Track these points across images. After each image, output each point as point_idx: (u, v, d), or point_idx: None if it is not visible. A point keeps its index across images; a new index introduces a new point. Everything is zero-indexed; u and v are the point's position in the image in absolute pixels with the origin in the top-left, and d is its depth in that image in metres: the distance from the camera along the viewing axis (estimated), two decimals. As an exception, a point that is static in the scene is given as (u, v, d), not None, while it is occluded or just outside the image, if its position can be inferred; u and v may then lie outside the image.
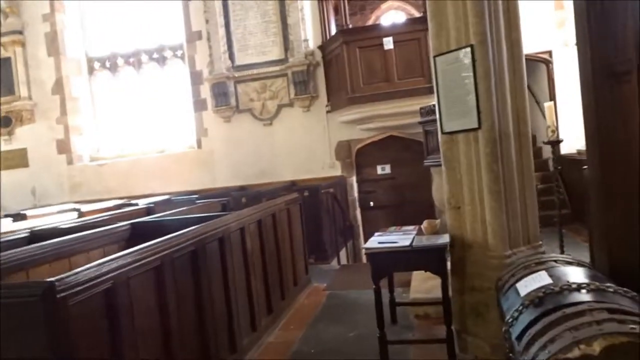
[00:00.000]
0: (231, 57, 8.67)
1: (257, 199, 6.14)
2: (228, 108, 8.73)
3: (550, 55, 7.88)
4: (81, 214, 5.91)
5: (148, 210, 5.46)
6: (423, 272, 4.36)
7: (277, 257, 4.53)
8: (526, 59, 6.36)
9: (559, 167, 4.20)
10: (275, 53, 8.53)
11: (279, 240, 4.60)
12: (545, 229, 3.72)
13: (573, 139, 6.80)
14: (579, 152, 6.93)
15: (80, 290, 1.94)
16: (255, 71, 8.59)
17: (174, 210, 4.80)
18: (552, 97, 7.62)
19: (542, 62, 8.08)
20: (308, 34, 8.37)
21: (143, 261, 2.40)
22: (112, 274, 2.16)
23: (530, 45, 7.17)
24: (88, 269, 2.04)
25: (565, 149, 7.03)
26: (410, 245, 3.21)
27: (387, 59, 7.35)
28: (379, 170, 8.48)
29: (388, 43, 7.14)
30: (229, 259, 3.42)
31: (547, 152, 7.96)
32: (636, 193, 2.85)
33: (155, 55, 9.49)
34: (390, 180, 8.46)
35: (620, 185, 2.89)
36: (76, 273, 1.96)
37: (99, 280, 2.06)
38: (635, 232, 2.86)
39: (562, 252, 3.92)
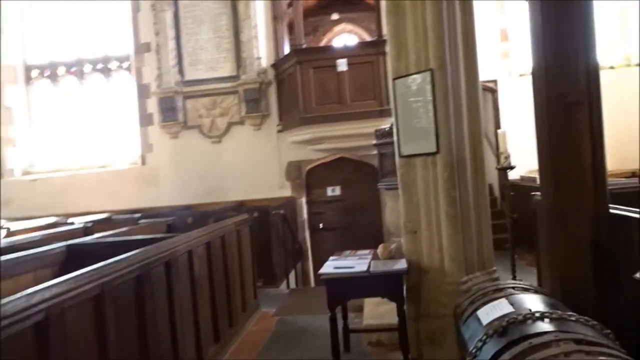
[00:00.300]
0: (181, 71, 8.43)
1: (204, 219, 5.90)
2: (175, 124, 8.45)
3: (496, 85, 8.17)
4: (10, 233, 5.45)
5: (85, 230, 5.10)
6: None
7: (226, 281, 4.31)
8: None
9: (512, 193, 4.27)
10: (227, 69, 8.37)
11: (227, 263, 4.39)
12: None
13: (517, 165, 7.02)
14: (522, 179, 7.16)
15: (6, 325, 1.70)
16: (205, 87, 8.38)
17: (115, 231, 4.50)
18: (497, 125, 7.88)
19: (487, 91, 8.36)
20: (261, 51, 8.28)
21: (80, 289, 2.16)
22: (45, 305, 1.91)
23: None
24: (16, 299, 1.79)
25: (510, 175, 7.24)
26: (368, 270, 3.12)
27: (341, 80, 7.37)
28: (329, 191, 8.42)
29: (342, 65, 7.16)
30: (176, 285, 3.19)
31: (490, 178, 8.17)
32: (588, 221, 2.91)
33: (99, 66, 9.08)
34: (340, 202, 8.41)
35: (572, 213, 2.94)
36: (2, 305, 1.72)
37: (28, 312, 1.82)
38: (587, 260, 2.91)
39: (514, 277, 3.96)
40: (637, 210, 2.83)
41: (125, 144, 8.92)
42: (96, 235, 4.35)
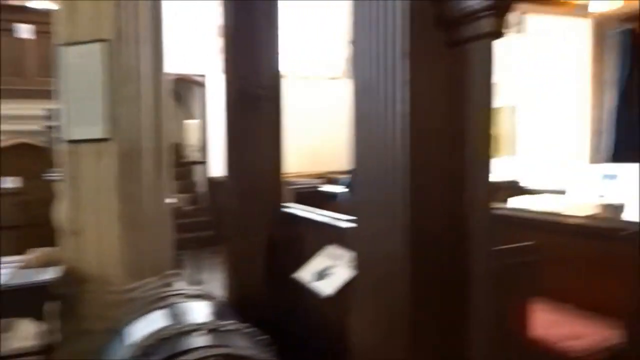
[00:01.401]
0: None
1: None
2: None
3: (205, 79, 8.03)
4: None
5: None
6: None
7: None
8: (182, 79, 6.24)
9: (208, 191, 4.07)
10: None
11: None
12: (193, 251, 3.50)
13: (222, 162, 6.99)
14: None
15: None
16: None
17: None
18: (204, 120, 7.73)
19: (196, 85, 8.14)
20: None
21: None
22: None
23: (188, 66, 7.10)
24: None
25: (217, 171, 7.15)
26: (-1, 284, 2.42)
27: (25, 49, 6.16)
28: (5, 183, 6.95)
29: (22, 30, 5.93)
30: None
31: (198, 173, 8.01)
32: (263, 226, 2.88)
33: None
34: (20, 196, 7.02)
35: (251, 212, 2.89)
36: None
37: None
38: (261, 260, 2.89)
39: (198, 281, 3.76)
40: (307, 208, 2.91)
41: None
42: None
